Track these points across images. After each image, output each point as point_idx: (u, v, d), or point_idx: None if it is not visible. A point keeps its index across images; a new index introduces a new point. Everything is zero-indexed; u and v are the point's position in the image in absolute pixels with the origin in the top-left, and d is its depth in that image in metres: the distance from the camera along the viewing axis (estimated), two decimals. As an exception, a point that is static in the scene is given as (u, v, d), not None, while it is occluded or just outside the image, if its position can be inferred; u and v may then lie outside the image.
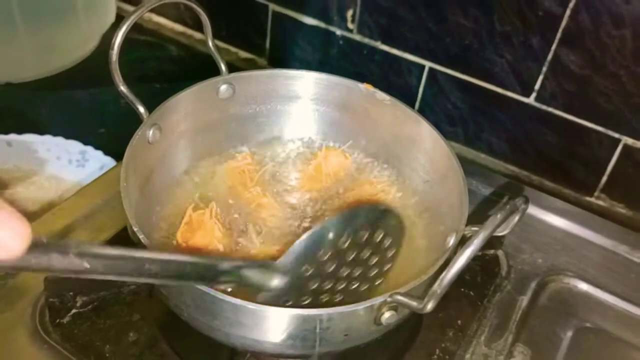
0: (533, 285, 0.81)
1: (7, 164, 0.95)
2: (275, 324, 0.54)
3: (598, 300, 0.81)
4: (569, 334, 0.76)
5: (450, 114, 1.02)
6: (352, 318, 0.54)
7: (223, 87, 0.79)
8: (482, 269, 0.81)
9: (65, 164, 0.96)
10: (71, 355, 0.66)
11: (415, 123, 0.77)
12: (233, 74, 0.79)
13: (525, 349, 0.74)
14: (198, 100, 0.77)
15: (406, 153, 0.80)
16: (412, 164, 0.80)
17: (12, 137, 0.96)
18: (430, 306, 0.50)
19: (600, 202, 0.97)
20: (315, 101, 0.84)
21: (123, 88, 0.68)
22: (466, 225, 0.62)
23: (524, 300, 0.79)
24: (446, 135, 0.74)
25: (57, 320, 0.69)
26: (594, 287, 0.82)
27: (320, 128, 0.86)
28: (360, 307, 0.53)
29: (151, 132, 0.70)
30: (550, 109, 0.93)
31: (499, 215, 0.50)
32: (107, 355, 0.67)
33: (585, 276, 0.83)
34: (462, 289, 0.78)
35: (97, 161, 0.96)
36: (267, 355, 0.64)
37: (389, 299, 0.53)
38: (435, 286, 0.49)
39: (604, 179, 0.95)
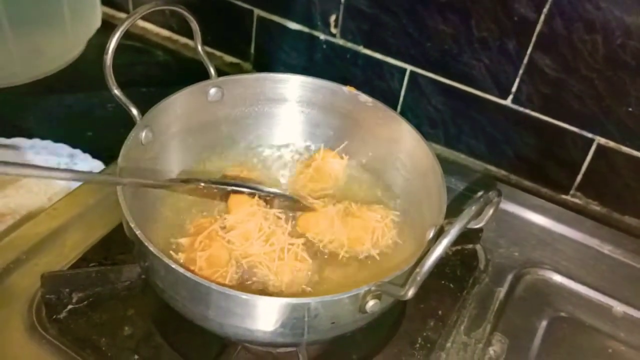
0: (510, 277, 0.85)
1: None
2: (266, 313, 0.57)
3: (571, 291, 0.85)
4: (544, 323, 0.80)
5: (432, 116, 1.04)
6: (338, 306, 0.57)
7: (212, 90, 0.82)
8: (462, 263, 0.85)
9: (54, 167, 0.96)
10: (68, 349, 0.68)
11: (396, 124, 0.80)
12: (222, 78, 0.82)
13: (503, 337, 0.77)
14: (188, 103, 0.79)
15: (388, 153, 0.83)
16: (394, 164, 0.83)
17: (2, 140, 0.98)
18: (411, 292, 0.53)
19: (576, 200, 1.00)
20: (300, 103, 0.87)
21: (117, 91, 0.70)
22: (445, 219, 0.66)
23: (502, 292, 0.83)
24: (427, 137, 0.77)
25: (54, 316, 0.71)
26: (567, 279, 0.86)
27: (306, 129, 0.88)
28: (345, 295, 0.56)
29: (144, 133, 0.73)
30: (527, 111, 0.96)
31: (473, 207, 0.54)
32: (104, 348, 0.69)
33: (559, 268, 0.87)
34: (443, 282, 0.82)
35: (85, 164, 0.97)
36: (259, 344, 0.67)
37: (373, 288, 0.57)
38: (415, 274, 0.53)
39: (579, 177, 0.97)
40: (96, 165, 0.98)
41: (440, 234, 0.63)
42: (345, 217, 0.75)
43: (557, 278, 0.86)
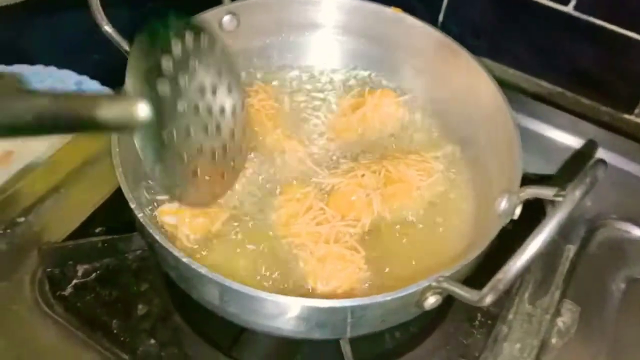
0: (581, 232, 0.74)
1: None
2: (297, 316, 0.47)
3: (654, 247, 0.74)
4: (622, 286, 0.70)
5: (476, 24, 0.95)
6: (389, 305, 0.47)
7: (226, 18, 0.70)
8: (525, 215, 0.73)
9: None
10: (77, 330, 0.61)
11: (453, 54, 0.67)
12: (237, 2, 0.70)
13: (574, 305, 0.67)
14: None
15: (443, 91, 0.71)
16: (453, 105, 0.70)
17: (1, 68, 0.89)
18: (489, 300, 0.42)
19: (640, 120, 0.91)
20: (336, 30, 0.74)
21: (107, 28, 0.60)
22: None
23: (572, 250, 0.73)
24: (472, 48, 0.67)
25: (58, 292, 0.64)
26: (649, 233, 0.75)
27: (343, 61, 0.76)
28: (398, 295, 0.45)
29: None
30: (590, 19, 0.85)
31: (577, 192, 0.41)
32: (116, 331, 0.61)
33: (639, 220, 0.75)
34: (502, 239, 0.71)
35: (94, 91, 0.88)
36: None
37: (434, 284, 0.46)
38: (497, 280, 0.41)
39: (645, 94, 0.89)
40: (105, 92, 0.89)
41: (514, 205, 0.51)
42: (385, 187, 0.63)
43: (637, 232, 0.75)
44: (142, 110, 0.45)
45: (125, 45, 0.60)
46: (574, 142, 0.82)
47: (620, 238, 0.75)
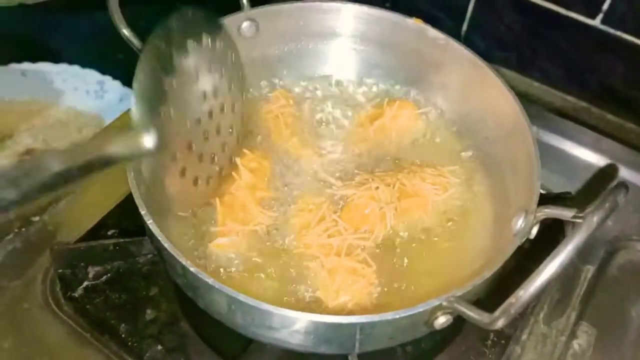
0: (601, 252, 0.72)
1: (24, 96, 0.91)
2: (304, 330, 0.46)
3: (677, 271, 0.71)
4: (641, 310, 0.68)
5: (503, 37, 0.93)
6: (400, 323, 0.46)
7: (245, 25, 0.69)
8: (542, 234, 0.71)
9: (83, 95, 0.92)
10: (85, 332, 0.61)
11: (475, 69, 0.65)
12: (257, 9, 0.69)
13: (590, 328, 0.66)
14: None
15: (463, 105, 0.69)
16: (471, 120, 0.69)
17: (26, 66, 0.92)
18: (500, 324, 0.41)
19: (668, 140, 0.89)
20: (354, 39, 0.73)
21: (125, 31, 0.60)
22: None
23: (590, 271, 0.71)
24: (497, 61, 0.67)
25: (69, 293, 0.63)
26: (672, 256, 0.72)
27: (361, 71, 0.75)
28: (408, 313, 0.44)
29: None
30: (618, 33, 0.83)
31: (595, 218, 0.40)
32: (123, 335, 0.61)
33: (662, 242, 0.73)
34: (519, 257, 0.69)
35: (116, 92, 0.92)
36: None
37: (445, 304, 0.44)
38: (509, 305, 0.40)
39: (674, 114, 0.86)
40: (127, 93, 0.91)
41: (530, 225, 0.49)
42: (399, 201, 0.62)
43: (660, 255, 0.73)
44: (148, 141, 0.46)
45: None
46: (596, 159, 0.80)
47: (641, 260, 0.73)
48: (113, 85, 0.92)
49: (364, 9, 0.70)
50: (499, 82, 0.61)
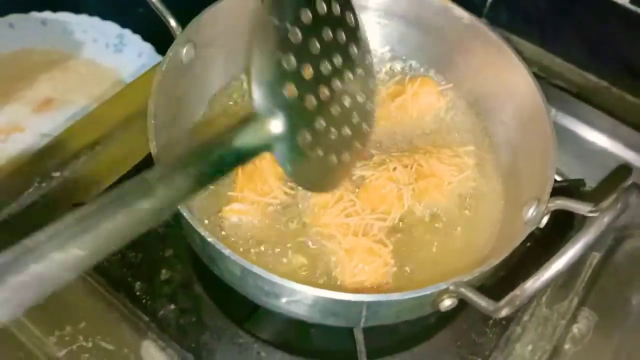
0: (608, 240, 0.72)
1: (45, 45, 0.90)
2: (313, 304, 0.47)
3: (682, 263, 0.71)
4: (643, 299, 0.68)
5: (527, 10, 0.91)
6: (406, 303, 0.47)
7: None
8: (552, 220, 0.72)
9: (102, 47, 0.91)
10: (100, 286, 0.63)
11: (498, 52, 0.64)
12: None
13: (591, 313, 0.67)
14: (237, 10, 0.64)
15: (484, 88, 0.68)
16: (491, 103, 0.68)
17: (47, 15, 0.91)
18: (504, 313, 0.42)
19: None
20: (378, 13, 0.71)
21: None
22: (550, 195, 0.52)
23: (596, 258, 0.71)
24: (520, 34, 0.65)
25: (87, 249, 0.65)
26: (679, 247, 0.72)
27: (384, 46, 0.74)
28: (414, 295, 0.45)
29: (185, 50, 0.60)
30: None
31: (605, 219, 0.40)
32: (138, 293, 0.63)
33: (671, 233, 0.73)
34: (527, 243, 0.70)
35: (135, 47, 0.91)
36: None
37: (451, 287, 0.46)
38: (514, 296, 0.41)
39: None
40: (146, 49, 0.90)
41: (541, 214, 0.50)
42: (416, 182, 0.62)
43: (667, 245, 0.73)
44: (276, 126, 0.43)
45: (170, 18, 0.59)
46: (610, 145, 0.80)
47: (647, 250, 0.73)
48: (132, 39, 0.90)
49: (392, -18, 0.68)
50: (522, 67, 0.60)
